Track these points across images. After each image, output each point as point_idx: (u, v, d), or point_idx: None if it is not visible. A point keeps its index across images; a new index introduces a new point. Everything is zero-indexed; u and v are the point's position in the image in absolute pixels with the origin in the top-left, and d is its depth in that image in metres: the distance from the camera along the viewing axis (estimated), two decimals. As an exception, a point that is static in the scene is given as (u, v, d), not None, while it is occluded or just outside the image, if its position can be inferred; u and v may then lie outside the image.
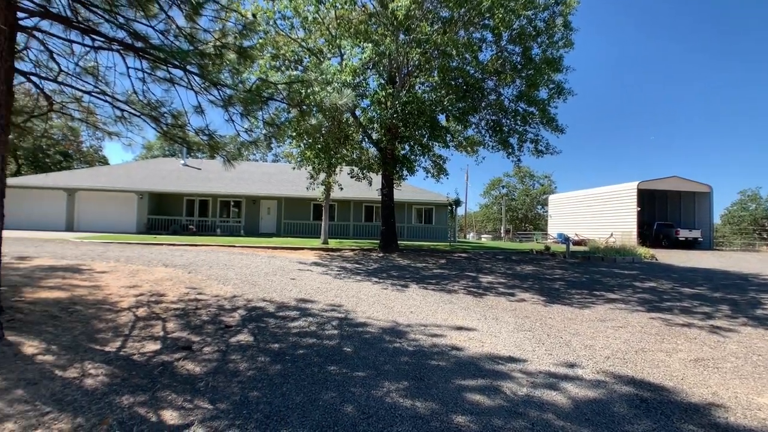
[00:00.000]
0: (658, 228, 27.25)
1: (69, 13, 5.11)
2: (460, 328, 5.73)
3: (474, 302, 7.58)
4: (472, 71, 15.07)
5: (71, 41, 5.46)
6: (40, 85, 5.70)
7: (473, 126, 17.70)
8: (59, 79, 5.79)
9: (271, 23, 14.01)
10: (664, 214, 30.47)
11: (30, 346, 4.19)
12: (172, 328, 5.17)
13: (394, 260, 14.15)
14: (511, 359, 4.50)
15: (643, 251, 18.21)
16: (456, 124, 16.98)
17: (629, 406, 3.39)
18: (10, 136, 4.56)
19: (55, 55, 5.61)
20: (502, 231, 55.96)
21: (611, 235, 24.43)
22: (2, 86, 4.14)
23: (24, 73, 5.28)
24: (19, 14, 4.58)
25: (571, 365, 4.35)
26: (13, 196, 18.63)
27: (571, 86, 17.02)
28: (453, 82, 14.88)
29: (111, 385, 3.48)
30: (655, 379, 4.03)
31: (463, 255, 17.26)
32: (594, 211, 30.02)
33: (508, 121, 16.79)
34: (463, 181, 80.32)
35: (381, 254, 15.98)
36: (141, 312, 5.79)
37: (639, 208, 25.72)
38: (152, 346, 4.48)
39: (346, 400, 3.35)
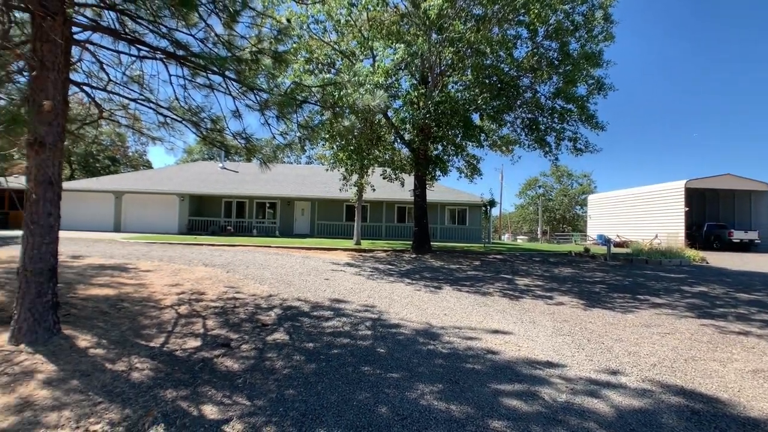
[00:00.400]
0: (708, 229, 25.74)
1: (117, 26, 5.39)
2: (495, 332, 5.61)
3: (510, 305, 7.42)
4: (507, 69, 14.78)
5: (119, 52, 5.75)
6: (92, 95, 6.04)
7: (508, 125, 17.38)
8: (108, 88, 6.11)
9: (304, 27, 14.27)
10: (715, 214, 28.74)
11: (83, 340, 4.44)
12: (212, 325, 5.34)
13: (427, 261, 14.06)
14: (550, 364, 4.37)
15: (692, 254, 17.23)
16: (490, 123, 16.70)
17: (679, 418, 3.21)
18: (65, 143, 4.85)
19: (105, 66, 5.92)
20: (538, 232, 54.62)
21: (656, 236, 23.25)
22: (59, 96, 4.41)
23: (77, 84, 5.61)
24: (74, 29, 4.86)
25: (614, 372, 4.17)
26: (67, 198, 19.82)
27: (612, 81, 16.33)
28: (487, 81, 14.65)
29: (156, 378, 3.63)
30: (707, 390, 3.79)
31: (498, 257, 16.93)
32: (637, 212, 28.71)
33: (544, 119, 16.35)
34: (497, 181, 78.93)
35: (414, 255, 15.92)
36: (183, 309, 6.02)
37: (687, 208, 24.39)
38: (193, 343, 4.64)
39: (380, 401, 3.34)
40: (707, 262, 16.59)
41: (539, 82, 15.81)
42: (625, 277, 11.51)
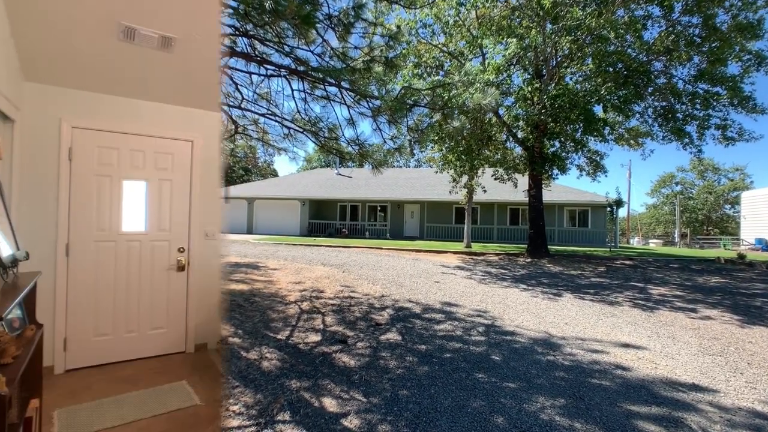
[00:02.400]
0: None
1: (249, 50, 6.08)
2: (626, 345, 5.00)
3: (643, 317, 6.55)
4: (635, 53, 13.16)
5: (250, 72, 6.49)
6: (229, 113, 6.91)
7: (637, 115, 15.45)
8: (242, 105, 6.93)
9: (412, 33, 14.44)
10: None
11: (224, 329, 5.05)
12: (330, 322, 5.67)
13: (544, 266, 13.16)
14: (696, 387, 3.74)
15: None
16: (616, 115, 15.03)
17: None
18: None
19: (239, 86, 6.73)
20: (675, 235, 47.47)
21: None
22: (204, 115, 5.10)
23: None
24: (215, 56, 5.61)
25: (793, 408, 3.39)
26: (211, 205, 23.00)
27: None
28: (611, 69, 13.20)
29: (282, 368, 3.95)
30: None
31: (627, 262, 15.13)
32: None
33: (683, 106, 14.16)
34: (624, 179, 70.71)
35: (528, 259, 15.05)
36: (305, 306, 6.50)
37: None
38: (314, 337, 4.97)
39: (496, 410, 3.19)
40: None
41: (675, 64, 13.77)
42: (802, 291, 9.38)
